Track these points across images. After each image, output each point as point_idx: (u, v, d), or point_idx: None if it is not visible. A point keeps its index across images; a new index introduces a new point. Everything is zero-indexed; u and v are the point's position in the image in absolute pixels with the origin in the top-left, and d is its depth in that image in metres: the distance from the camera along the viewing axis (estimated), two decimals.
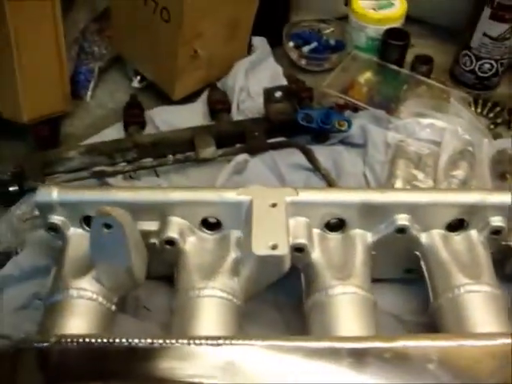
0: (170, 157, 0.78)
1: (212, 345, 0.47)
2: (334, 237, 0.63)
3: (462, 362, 0.48)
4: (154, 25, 0.80)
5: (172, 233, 0.59)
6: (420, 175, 0.77)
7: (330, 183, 0.75)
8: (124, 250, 0.54)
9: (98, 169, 0.77)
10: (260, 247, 0.54)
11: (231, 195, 0.59)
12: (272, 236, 0.55)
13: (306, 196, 0.60)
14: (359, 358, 0.47)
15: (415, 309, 0.67)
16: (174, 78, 0.83)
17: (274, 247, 0.54)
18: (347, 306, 0.57)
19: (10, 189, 0.76)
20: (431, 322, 0.61)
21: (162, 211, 0.60)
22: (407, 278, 0.68)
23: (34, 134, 0.82)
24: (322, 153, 0.79)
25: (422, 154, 0.79)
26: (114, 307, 0.59)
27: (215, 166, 0.78)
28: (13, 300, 0.67)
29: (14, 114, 0.82)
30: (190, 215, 0.61)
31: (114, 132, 0.84)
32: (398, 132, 0.81)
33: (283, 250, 0.54)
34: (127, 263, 0.55)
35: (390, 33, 0.91)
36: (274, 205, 0.58)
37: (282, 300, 0.66)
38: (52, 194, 0.61)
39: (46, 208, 0.61)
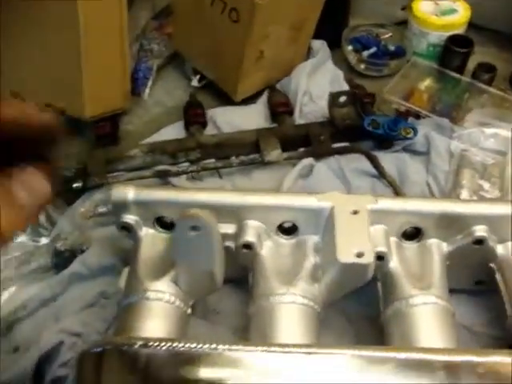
0: (234, 158, 0.77)
1: (304, 353, 0.47)
2: (410, 246, 0.62)
3: None
4: (221, 25, 0.80)
5: (250, 237, 0.59)
6: (486, 185, 0.76)
7: (396, 191, 0.75)
8: (209, 253, 0.54)
9: (161, 168, 0.77)
10: (345, 255, 0.54)
11: (312, 201, 0.59)
12: (356, 244, 0.54)
13: (385, 204, 0.59)
14: (452, 371, 0.47)
15: (486, 321, 0.66)
16: (238, 78, 0.83)
17: (360, 255, 0.54)
18: (428, 316, 0.56)
19: (74, 185, 0.76)
20: (506, 335, 0.60)
21: (239, 214, 0.60)
22: (477, 290, 0.67)
23: (95, 131, 0.82)
24: (385, 159, 0.79)
25: (487, 163, 0.78)
26: (189, 310, 0.59)
27: (279, 169, 0.78)
28: (80, 298, 0.67)
29: (76, 111, 0.82)
30: (268, 219, 0.60)
31: (174, 131, 0.84)
32: (462, 141, 0.81)
33: (368, 259, 0.54)
34: (211, 267, 0.55)
35: (453, 39, 0.90)
36: (355, 212, 0.58)
37: (352, 310, 0.66)
38: (128, 193, 0.60)
39: (121, 207, 0.61)
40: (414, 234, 0.62)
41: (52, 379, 0.62)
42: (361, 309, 0.65)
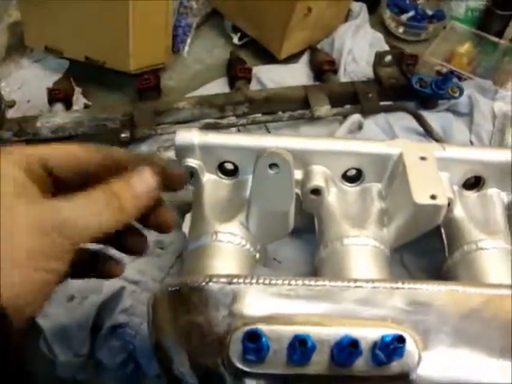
0: (281, 113, 0.77)
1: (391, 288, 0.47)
2: (470, 195, 0.63)
3: None
4: None
5: (318, 181, 0.59)
6: None
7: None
8: (286, 192, 0.54)
9: (210, 121, 0.77)
10: (420, 196, 0.54)
11: (381, 147, 0.59)
12: (430, 187, 0.55)
13: (452, 152, 0.60)
14: None
15: None
16: (284, 35, 0.83)
17: (434, 197, 0.54)
18: (498, 260, 0.57)
19: (122, 135, 0.75)
20: None
21: (306, 160, 0.60)
22: None
23: (138, 84, 0.81)
24: (431, 118, 0.79)
25: None
26: (258, 255, 0.59)
27: (326, 125, 0.78)
28: None
29: (120, 64, 0.81)
30: (334, 165, 0.60)
31: (218, 87, 0.84)
32: (505, 102, 0.82)
33: (443, 201, 0.54)
34: (287, 207, 0.55)
35: (495, 2, 0.91)
36: (423, 158, 0.58)
37: (409, 259, 0.67)
38: (193, 136, 0.60)
39: (185, 151, 0.60)
40: (474, 184, 0.64)
41: (112, 325, 0.61)
42: (418, 261, 0.66)
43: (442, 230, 0.61)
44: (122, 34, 0.78)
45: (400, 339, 0.39)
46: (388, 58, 0.82)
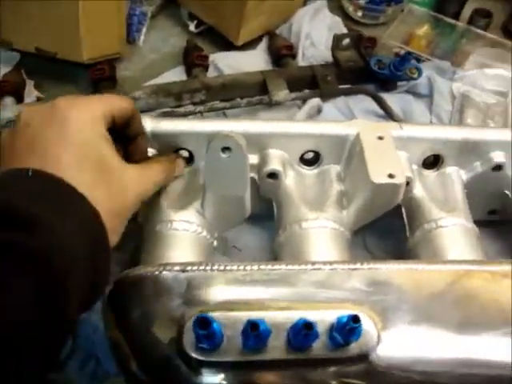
0: (239, 99, 0.76)
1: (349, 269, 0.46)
2: (430, 174, 0.62)
3: None
4: None
5: (275, 165, 0.58)
6: (491, 124, 0.77)
7: None
8: (240, 176, 0.53)
9: (167, 110, 0.75)
10: (378, 176, 0.53)
11: (337, 127, 0.58)
12: (387, 166, 0.54)
13: (410, 131, 0.59)
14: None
15: (498, 250, 0.67)
16: (240, 21, 0.81)
17: (391, 176, 0.53)
18: (458, 237, 0.57)
19: None
20: None
21: (262, 143, 0.58)
22: (489, 220, 0.68)
23: (92, 75, 0.79)
24: (391, 100, 0.79)
25: (490, 103, 0.80)
26: (215, 243, 0.57)
27: (285, 110, 0.77)
28: None
29: (72, 54, 0.79)
30: (291, 148, 0.59)
31: (175, 75, 0.82)
32: (464, 83, 0.82)
33: (401, 179, 0.54)
34: (242, 192, 0.53)
35: None
36: (380, 138, 0.57)
37: (371, 241, 0.66)
38: (145, 124, 0.57)
39: None
40: (433, 163, 0.63)
41: None
42: (381, 242, 0.66)
43: (403, 210, 0.61)
44: (72, 24, 0.76)
45: (355, 319, 0.38)
46: (346, 40, 0.81)
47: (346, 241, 0.56)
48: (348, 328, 0.38)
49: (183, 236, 0.54)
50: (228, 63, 0.82)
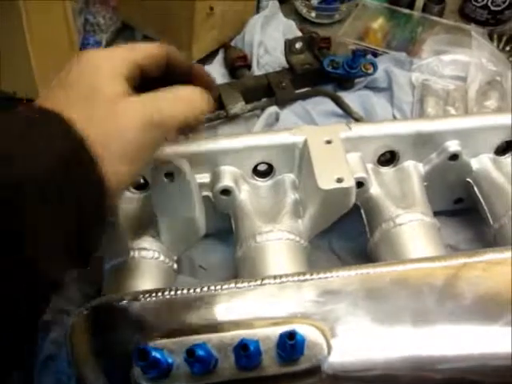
0: None
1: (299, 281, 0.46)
2: (388, 171, 0.62)
3: None
4: None
5: (226, 181, 0.57)
6: (452, 111, 0.77)
7: None
8: (187, 198, 0.53)
9: None
10: (325, 182, 0.53)
11: (284, 136, 0.58)
12: (335, 170, 0.54)
13: (359, 130, 0.59)
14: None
15: (469, 238, 0.66)
16: (191, 39, 0.81)
17: (340, 180, 0.53)
18: (416, 233, 0.56)
19: None
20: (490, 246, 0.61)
21: (212, 161, 0.58)
22: (457, 209, 0.68)
23: None
24: (350, 98, 0.78)
25: (449, 89, 0.79)
26: (175, 266, 0.57)
27: (244, 123, 0.77)
28: None
29: (28, 92, 0.79)
30: (242, 162, 0.59)
31: None
32: (422, 72, 0.81)
33: (349, 183, 0.53)
34: (191, 213, 0.53)
35: None
36: (328, 142, 0.57)
37: (338, 244, 0.65)
38: None
39: None
40: (389, 160, 0.62)
41: (44, 358, 0.60)
42: (347, 245, 0.65)
43: (362, 211, 0.60)
44: (24, 63, 0.76)
45: (290, 336, 0.38)
46: (299, 44, 0.80)
47: (302, 250, 0.55)
48: (288, 345, 0.38)
49: (142, 264, 0.54)
50: None
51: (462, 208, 0.68)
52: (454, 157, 0.61)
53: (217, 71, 0.84)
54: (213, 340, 0.41)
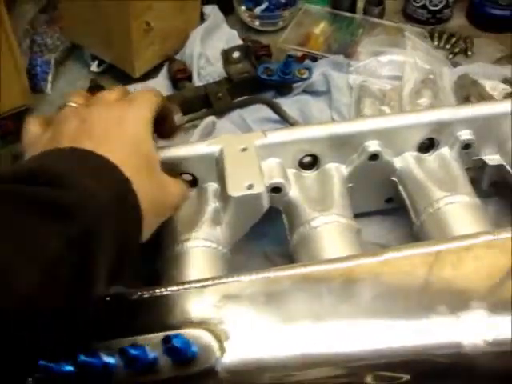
0: None
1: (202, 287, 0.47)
2: (310, 174, 0.63)
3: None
4: (104, 4, 0.80)
5: None
6: (387, 110, 0.78)
7: None
8: None
9: None
10: (236, 189, 0.55)
11: (201, 147, 0.60)
12: (246, 177, 0.55)
13: (274, 137, 0.60)
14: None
15: (400, 236, 0.67)
16: (132, 55, 0.83)
17: (250, 187, 0.55)
18: (331, 235, 0.57)
19: None
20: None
21: None
22: (390, 209, 0.69)
23: None
24: (288, 104, 0.80)
25: (386, 90, 0.80)
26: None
27: (184, 133, 0.78)
28: None
29: None
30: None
31: None
32: (359, 73, 0.82)
33: (259, 189, 0.55)
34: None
35: None
36: (244, 149, 0.59)
37: (270, 249, 0.67)
38: None
39: None
40: (312, 163, 0.64)
41: None
42: (279, 249, 0.66)
43: (283, 215, 0.62)
44: None
45: (166, 340, 0.39)
46: (236, 53, 0.82)
47: (220, 257, 0.57)
48: (167, 348, 0.40)
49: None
50: None
51: (394, 207, 0.69)
52: (374, 157, 0.62)
53: (161, 84, 0.86)
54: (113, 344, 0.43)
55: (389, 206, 0.69)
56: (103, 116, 0.48)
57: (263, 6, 0.95)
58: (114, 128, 0.47)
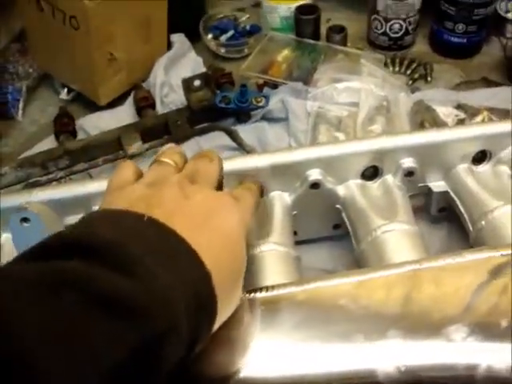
0: (99, 159, 0.80)
1: None
2: None
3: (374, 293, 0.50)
4: (67, 35, 0.83)
5: None
6: (342, 137, 0.80)
7: None
8: None
9: (31, 180, 0.79)
10: None
11: None
12: None
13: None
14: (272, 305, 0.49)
15: (349, 262, 0.69)
16: (96, 84, 0.86)
17: None
18: (268, 263, 0.58)
19: None
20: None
21: (85, 203, 0.62)
22: (338, 235, 0.70)
23: None
24: (246, 131, 0.82)
25: (342, 116, 0.82)
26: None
27: (144, 161, 0.80)
28: None
29: None
30: None
31: (47, 145, 0.86)
32: (317, 100, 0.84)
33: None
34: None
35: (301, 9, 0.95)
36: None
37: None
38: None
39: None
40: None
41: None
42: None
43: None
44: None
45: None
46: (197, 81, 0.84)
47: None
48: None
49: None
50: (95, 125, 0.86)
51: (342, 234, 0.70)
52: (315, 185, 0.63)
53: (126, 112, 0.89)
54: None
55: (337, 233, 0.70)
56: (209, 204, 0.42)
57: (229, 34, 0.97)
58: (215, 220, 0.41)
